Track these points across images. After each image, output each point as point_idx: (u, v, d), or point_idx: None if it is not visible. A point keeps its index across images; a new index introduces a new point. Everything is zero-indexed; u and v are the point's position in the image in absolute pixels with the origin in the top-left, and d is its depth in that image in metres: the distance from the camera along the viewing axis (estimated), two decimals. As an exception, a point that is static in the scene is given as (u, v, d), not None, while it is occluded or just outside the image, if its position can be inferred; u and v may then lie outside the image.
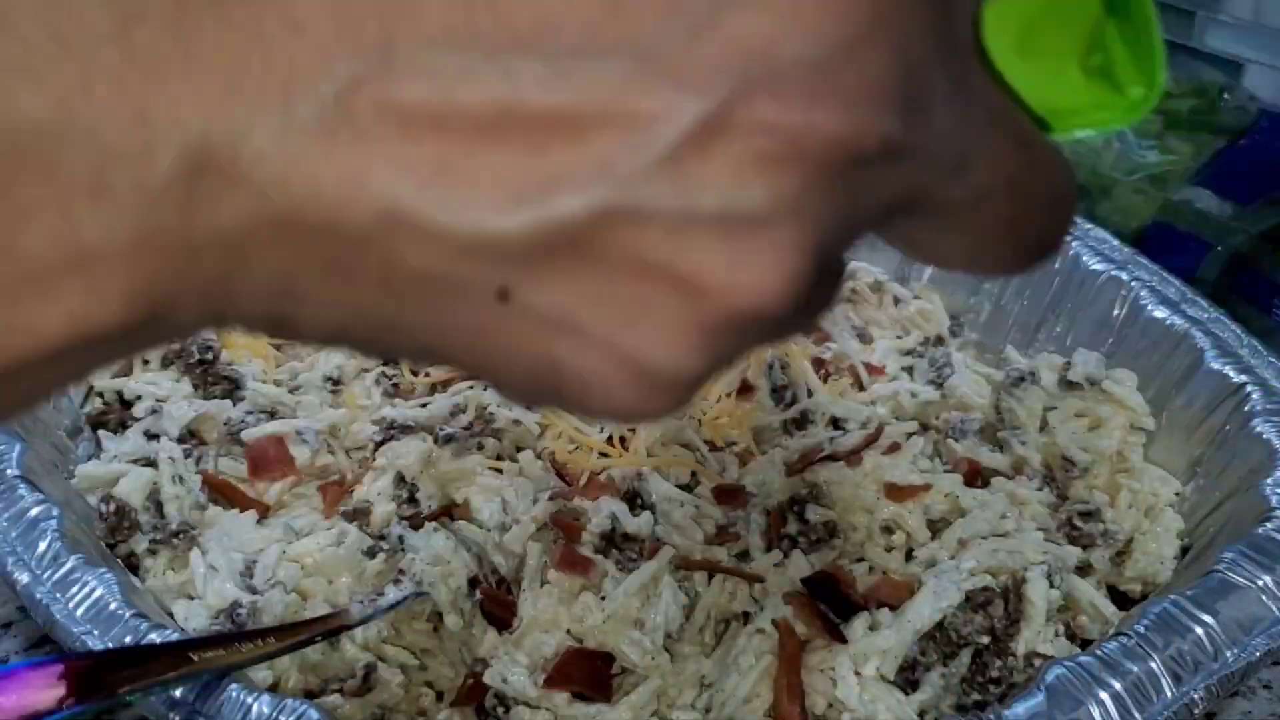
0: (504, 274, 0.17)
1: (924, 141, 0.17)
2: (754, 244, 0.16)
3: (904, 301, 0.76)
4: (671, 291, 0.17)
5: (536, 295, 0.17)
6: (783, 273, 0.17)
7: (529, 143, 0.16)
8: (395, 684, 0.49)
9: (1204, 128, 0.84)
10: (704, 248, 0.16)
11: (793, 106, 0.16)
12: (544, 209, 0.16)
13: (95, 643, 0.44)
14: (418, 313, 0.18)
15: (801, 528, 0.57)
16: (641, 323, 0.18)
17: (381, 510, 0.55)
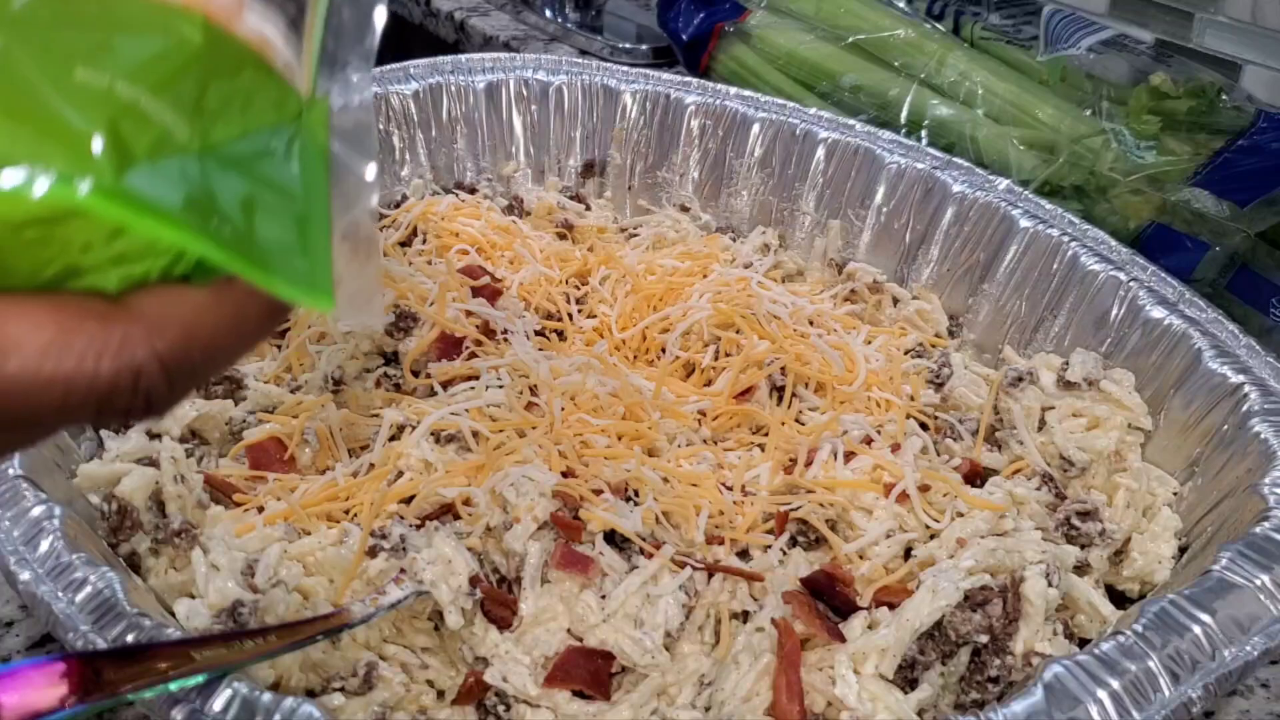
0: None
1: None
2: None
3: (903, 302, 0.76)
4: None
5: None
6: None
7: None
8: (396, 682, 0.49)
9: (1202, 128, 0.84)
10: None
11: None
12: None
13: (97, 641, 0.44)
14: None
15: (801, 527, 0.57)
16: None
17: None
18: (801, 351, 0.67)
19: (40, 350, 0.21)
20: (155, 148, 0.22)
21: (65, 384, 0.21)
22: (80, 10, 0.22)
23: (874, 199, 0.79)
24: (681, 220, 0.83)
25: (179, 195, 0.22)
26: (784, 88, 0.97)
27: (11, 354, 0.21)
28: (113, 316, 0.22)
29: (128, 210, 0.21)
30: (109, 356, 0.21)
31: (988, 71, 0.90)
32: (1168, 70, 0.88)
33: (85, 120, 0.21)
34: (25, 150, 0.20)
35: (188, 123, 0.22)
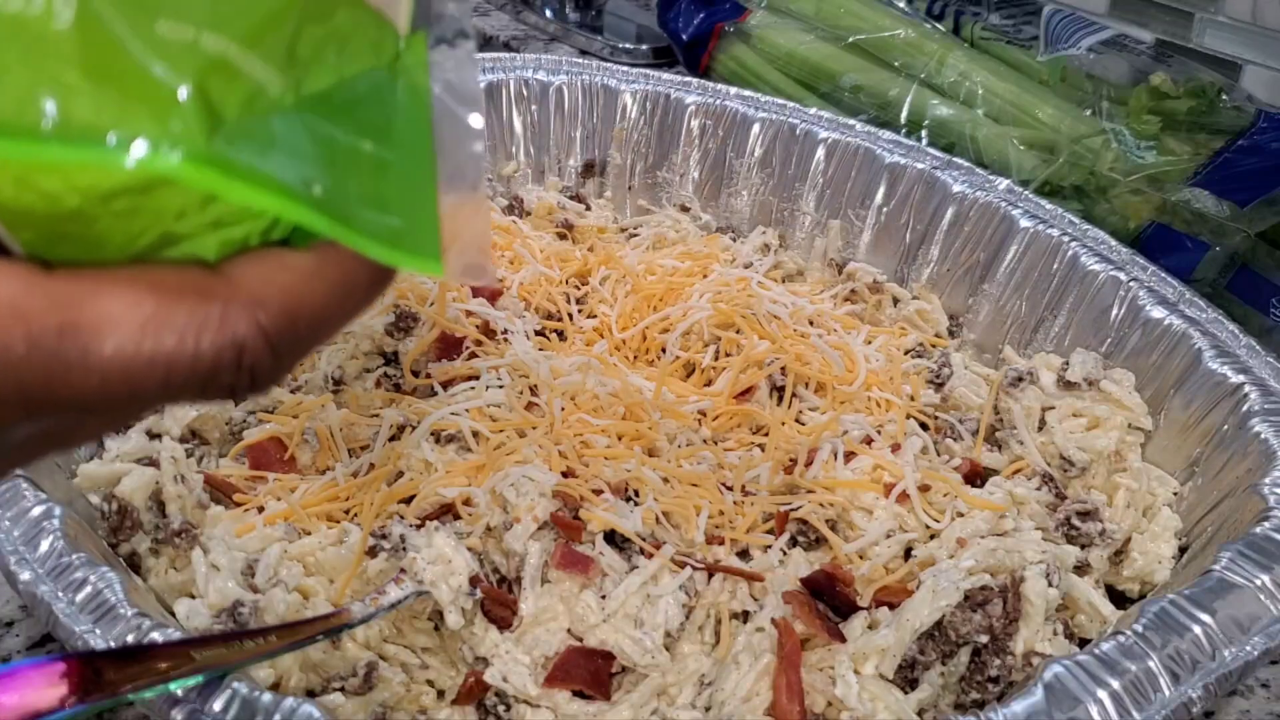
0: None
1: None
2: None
3: (903, 302, 0.76)
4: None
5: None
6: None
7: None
8: (396, 682, 0.49)
9: (1202, 128, 0.84)
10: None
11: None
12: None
13: (97, 641, 0.44)
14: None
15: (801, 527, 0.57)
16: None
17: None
18: (801, 351, 0.67)
19: (138, 329, 0.20)
20: (246, 105, 0.20)
21: (166, 363, 0.20)
22: None
23: (874, 199, 0.79)
24: (681, 220, 0.83)
25: (272, 157, 0.20)
26: (784, 88, 0.97)
27: (108, 334, 0.20)
28: (212, 289, 0.21)
29: (219, 177, 0.19)
30: (210, 332, 0.20)
31: (988, 71, 0.90)
32: (1168, 70, 0.88)
33: (171, 79, 0.19)
34: (110, 115, 0.19)
35: (280, 74, 0.21)
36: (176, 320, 0.20)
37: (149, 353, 0.20)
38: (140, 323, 0.20)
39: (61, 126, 0.19)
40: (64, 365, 0.20)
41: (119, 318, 0.20)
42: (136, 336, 0.20)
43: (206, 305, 0.20)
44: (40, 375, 0.20)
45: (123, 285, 0.20)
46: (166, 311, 0.20)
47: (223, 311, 0.21)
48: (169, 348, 0.20)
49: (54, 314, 0.19)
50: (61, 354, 0.20)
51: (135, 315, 0.20)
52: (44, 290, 0.20)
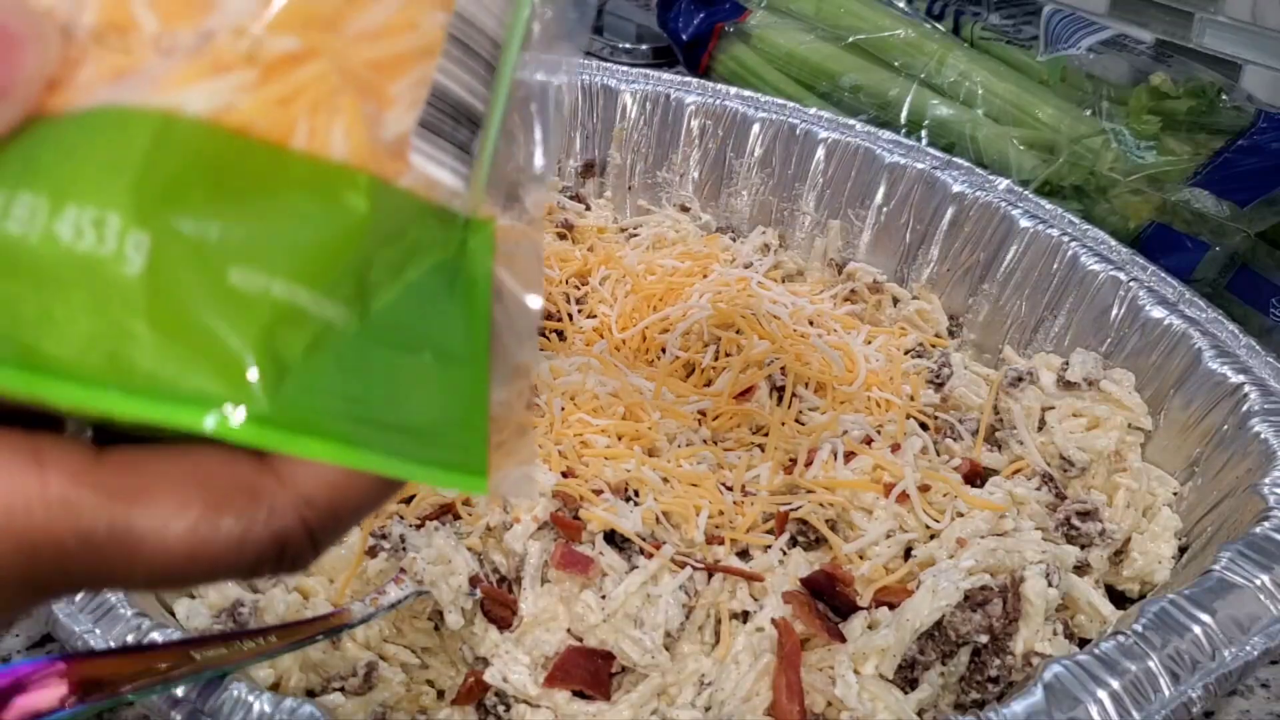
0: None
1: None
2: None
3: (903, 302, 0.76)
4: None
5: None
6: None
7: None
8: (396, 682, 0.49)
9: (1202, 128, 0.84)
10: None
11: None
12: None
13: (97, 641, 0.44)
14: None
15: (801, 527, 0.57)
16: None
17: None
18: (801, 351, 0.67)
19: (187, 532, 0.20)
20: (312, 346, 0.20)
21: (211, 562, 0.20)
22: (239, 185, 0.19)
23: (874, 199, 0.79)
24: (681, 220, 0.83)
25: (332, 402, 0.20)
26: (784, 88, 0.97)
27: (156, 539, 0.20)
28: (260, 487, 0.21)
29: (280, 437, 0.19)
30: (256, 531, 0.21)
31: (988, 71, 0.90)
32: (1168, 70, 0.88)
33: (238, 338, 0.19)
34: (172, 370, 0.19)
35: (347, 306, 0.21)
36: (224, 524, 0.20)
37: (195, 553, 0.20)
38: (189, 527, 0.20)
39: (123, 376, 0.19)
40: (110, 563, 0.20)
41: (168, 522, 0.20)
42: (185, 539, 0.20)
43: (254, 507, 0.21)
44: (87, 569, 0.20)
45: (173, 486, 0.20)
46: (215, 515, 0.20)
47: (269, 511, 0.21)
48: (215, 551, 0.20)
49: (105, 512, 0.20)
50: (110, 553, 0.20)
51: (184, 520, 0.20)
52: (96, 483, 0.20)
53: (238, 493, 0.20)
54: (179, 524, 0.20)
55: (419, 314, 0.22)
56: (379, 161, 0.21)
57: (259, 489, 0.21)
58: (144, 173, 0.18)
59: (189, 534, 0.20)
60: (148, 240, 0.18)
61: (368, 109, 0.21)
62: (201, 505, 0.20)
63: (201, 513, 0.20)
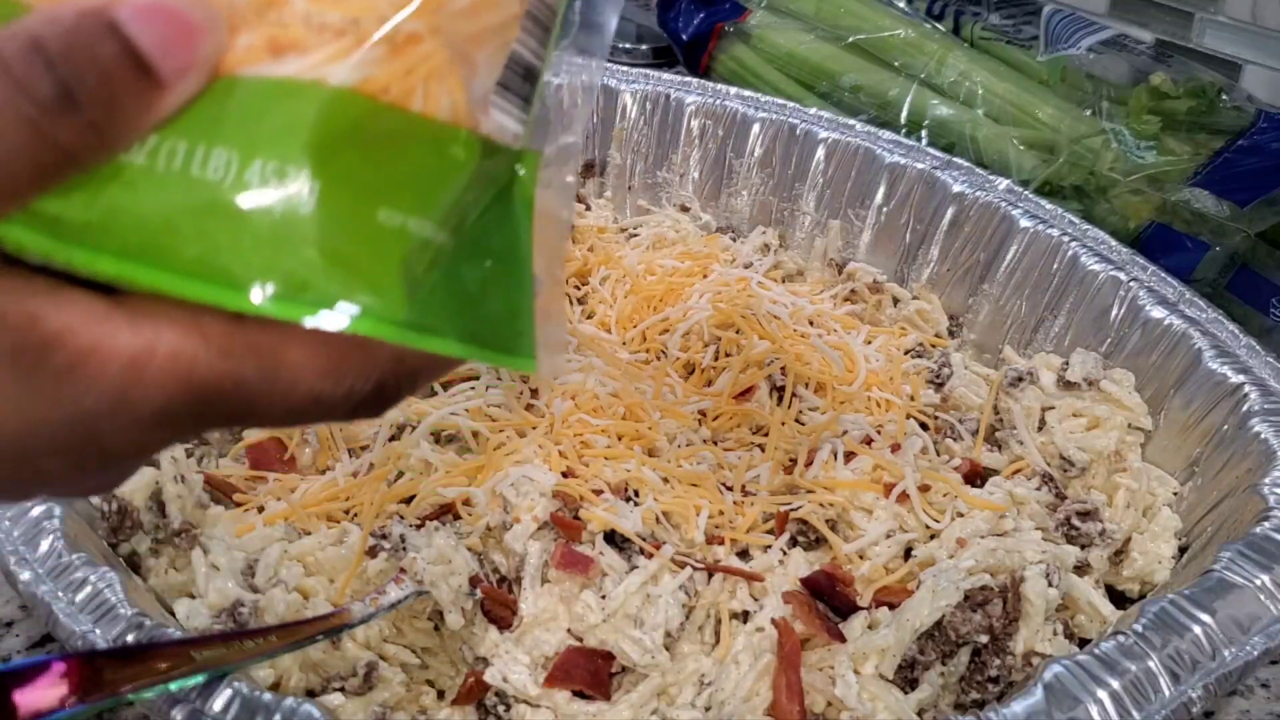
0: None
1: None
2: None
3: (903, 302, 0.76)
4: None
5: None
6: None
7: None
8: (396, 682, 0.49)
9: (1202, 128, 0.84)
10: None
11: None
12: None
13: (97, 641, 0.44)
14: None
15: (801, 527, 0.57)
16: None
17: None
18: (801, 351, 0.67)
19: (316, 377, 0.25)
20: (429, 268, 0.25)
21: (331, 402, 0.25)
22: (379, 142, 0.24)
23: (874, 199, 0.79)
24: (681, 220, 0.83)
25: (447, 310, 0.26)
26: (784, 88, 0.97)
27: (292, 381, 0.24)
28: (371, 347, 0.25)
29: (409, 337, 0.25)
30: (365, 377, 0.25)
31: (988, 71, 0.90)
32: (1168, 70, 0.88)
33: (387, 260, 0.24)
34: (337, 287, 0.24)
35: (450, 234, 0.26)
36: (345, 371, 0.25)
37: (320, 395, 0.25)
38: (319, 372, 0.25)
39: (299, 292, 0.23)
40: (256, 401, 0.24)
41: (303, 367, 0.24)
42: (314, 383, 0.25)
43: (367, 359, 0.25)
44: (239, 406, 0.24)
45: (304, 339, 0.24)
46: (338, 364, 0.25)
47: (377, 364, 0.26)
48: (335, 392, 0.25)
49: (254, 360, 0.24)
50: (257, 393, 0.24)
51: (315, 366, 0.25)
52: (244, 338, 0.24)
53: (353, 349, 0.25)
54: (312, 368, 0.24)
55: (487, 231, 0.27)
56: (471, 117, 0.26)
57: (369, 347, 0.25)
58: (313, 133, 0.23)
59: (318, 378, 0.25)
60: (318, 187, 0.23)
61: (464, 75, 0.26)
62: (327, 355, 0.25)
63: (327, 363, 0.25)
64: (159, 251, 0.23)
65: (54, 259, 0.23)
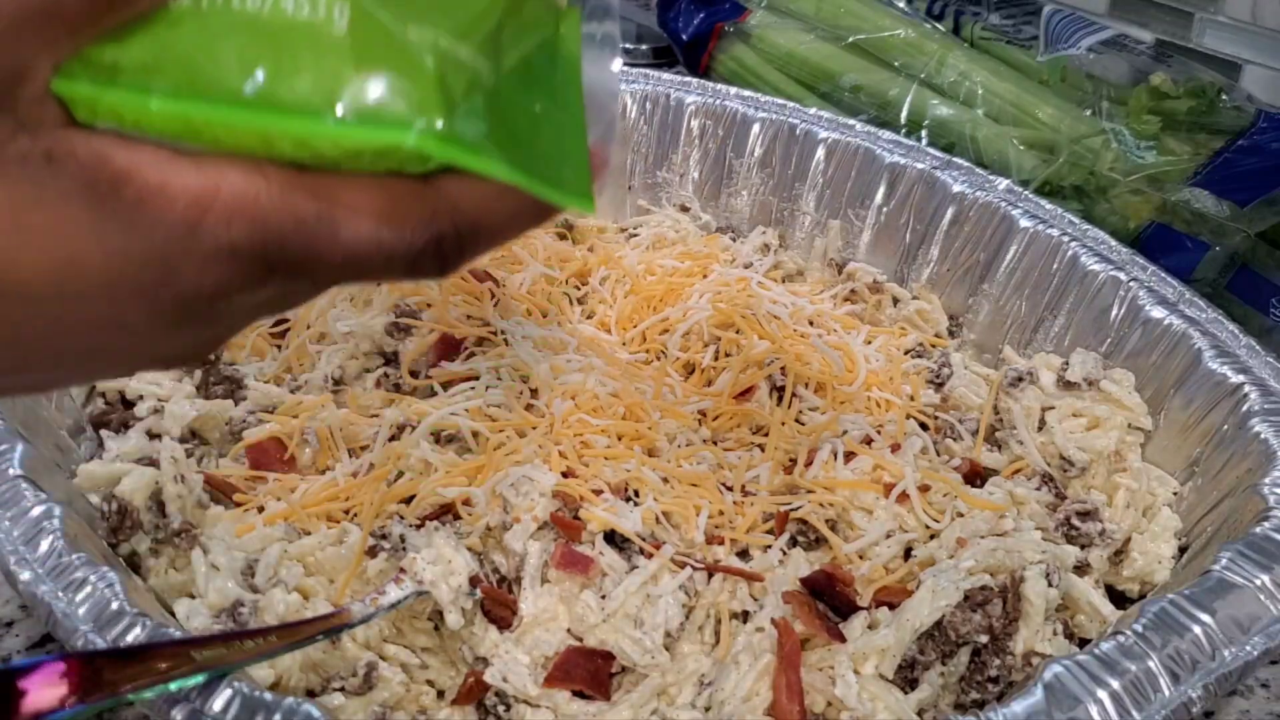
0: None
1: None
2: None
3: (903, 302, 0.76)
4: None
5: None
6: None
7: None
8: (396, 682, 0.49)
9: (1202, 128, 0.84)
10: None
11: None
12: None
13: (97, 641, 0.44)
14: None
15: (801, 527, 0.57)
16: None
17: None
18: (801, 351, 0.67)
19: (375, 216, 0.25)
20: (468, 89, 0.26)
21: (391, 246, 0.26)
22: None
23: (874, 199, 0.79)
24: (681, 220, 0.83)
25: (484, 131, 0.26)
26: (784, 88, 0.97)
27: (352, 219, 0.25)
28: (425, 193, 0.26)
29: (455, 152, 0.25)
30: (423, 225, 0.26)
31: (988, 71, 0.90)
32: (1168, 70, 0.88)
33: (421, 75, 0.25)
34: (375, 101, 0.25)
35: (488, 61, 0.27)
36: (401, 212, 0.26)
37: (380, 237, 0.26)
38: (376, 212, 0.26)
39: (341, 109, 0.25)
40: (319, 241, 0.25)
41: (361, 207, 0.25)
42: (373, 224, 0.26)
43: (422, 203, 0.26)
44: (301, 248, 0.25)
45: (364, 183, 0.25)
46: (395, 205, 0.26)
47: (433, 210, 0.26)
48: (394, 235, 0.26)
49: (313, 201, 0.25)
50: (319, 232, 0.25)
51: (373, 205, 0.25)
52: (303, 183, 0.25)
53: (409, 193, 0.26)
54: (370, 208, 0.25)
55: (534, 76, 0.28)
56: None
57: (423, 192, 0.26)
58: None
59: (377, 218, 0.25)
60: (348, 7, 0.25)
61: None
62: (384, 199, 0.26)
63: (385, 203, 0.26)
64: (206, 84, 0.24)
65: (123, 118, 0.24)
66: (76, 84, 0.24)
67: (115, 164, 0.24)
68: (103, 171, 0.24)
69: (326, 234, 0.25)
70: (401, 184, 0.26)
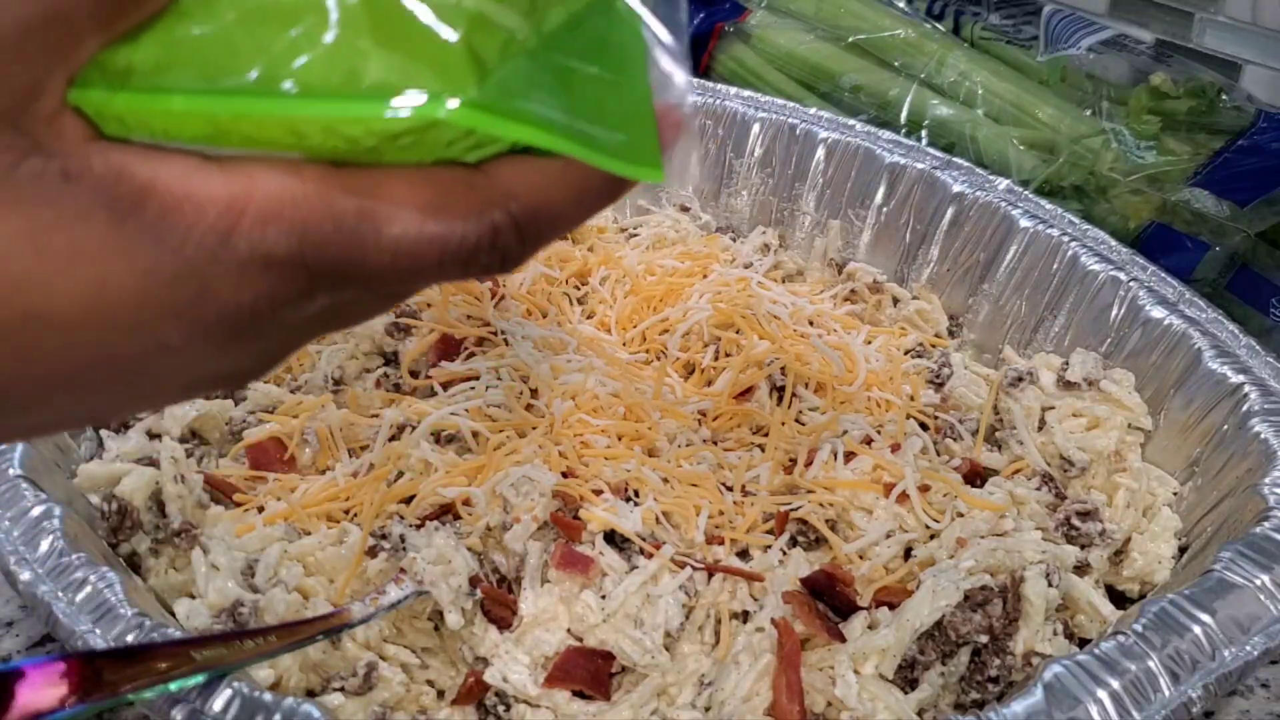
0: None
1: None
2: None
3: (903, 302, 0.76)
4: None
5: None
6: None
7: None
8: (396, 682, 0.49)
9: (1202, 128, 0.84)
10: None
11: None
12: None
13: (97, 641, 0.44)
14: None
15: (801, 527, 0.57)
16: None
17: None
18: (801, 351, 0.67)
19: (421, 212, 0.24)
20: (503, 53, 0.24)
21: (442, 242, 0.24)
22: None
23: (874, 199, 0.79)
24: (681, 220, 0.83)
25: (526, 96, 0.24)
26: (784, 88, 0.97)
27: (397, 217, 0.24)
28: (476, 182, 0.24)
29: (490, 120, 0.23)
30: (475, 216, 0.24)
31: (988, 71, 0.90)
32: (1168, 70, 0.88)
33: (446, 39, 0.23)
34: (398, 74, 0.23)
35: (525, 20, 0.25)
36: (450, 205, 0.24)
37: (429, 234, 0.24)
38: (422, 207, 0.24)
39: (360, 87, 0.23)
40: (361, 242, 0.24)
41: (405, 202, 0.24)
42: (419, 219, 0.24)
43: (472, 194, 0.24)
44: (342, 252, 0.24)
45: (406, 177, 0.24)
46: (443, 198, 0.24)
47: (484, 200, 0.25)
48: (444, 229, 0.24)
49: (353, 199, 0.23)
50: (360, 233, 0.23)
51: (417, 199, 0.24)
52: (341, 181, 0.23)
53: (457, 183, 0.24)
54: (415, 203, 0.24)
55: (584, 37, 0.26)
56: None
57: (474, 182, 0.24)
58: None
59: (423, 214, 0.24)
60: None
61: None
62: (431, 191, 0.24)
63: (432, 197, 0.24)
64: (223, 75, 0.23)
65: (152, 127, 0.23)
66: (92, 92, 0.23)
67: (136, 177, 0.23)
68: (123, 186, 0.23)
69: (369, 234, 0.24)
70: (449, 174, 0.24)
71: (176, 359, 0.25)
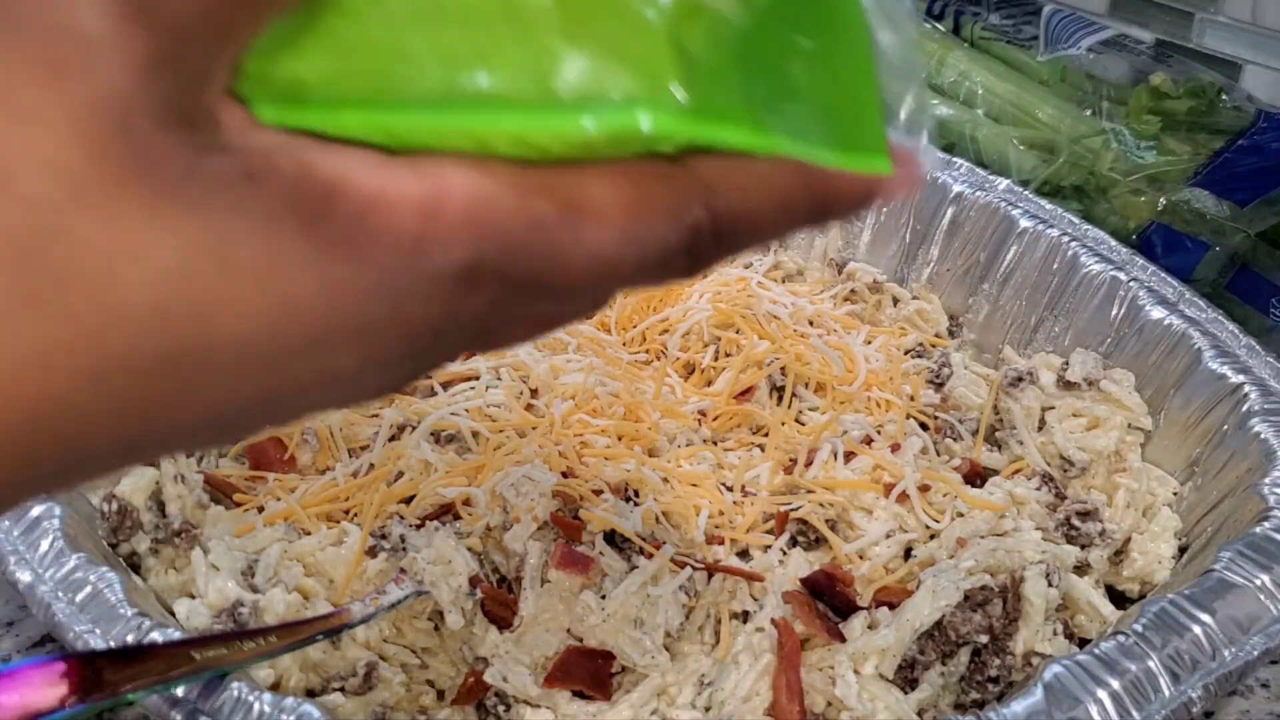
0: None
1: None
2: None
3: (903, 302, 0.76)
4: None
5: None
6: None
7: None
8: (396, 682, 0.49)
9: (1202, 128, 0.84)
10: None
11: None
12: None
13: (97, 641, 0.44)
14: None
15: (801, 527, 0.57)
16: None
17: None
18: (801, 351, 0.67)
19: (621, 212, 0.21)
20: (711, 38, 0.21)
21: (642, 244, 0.21)
22: None
23: (874, 199, 0.79)
24: (681, 220, 0.83)
25: (737, 89, 0.21)
26: (784, 88, 0.97)
27: (597, 217, 0.21)
28: (676, 176, 0.22)
29: (697, 126, 0.21)
30: (675, 215, 0.22)
31: (988, 71, 0.90)
32: (1168, 70, 0.88)
33: (648, 34, 0.20)
34: (594, 78, 0.20)
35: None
36: (652, 203, 0.21)
37: (630, 234, 0.21)
38: (623, 206, 0.21)
39: (555, 94, 0.20)
40: (559, 245, 0.21)
41: (605, 201, 0.21)
42: (620, 219, 0.21)
43: (673, 191, 0.22)
44: (539, 254, 0.21)
45: (603, 172, 0.21)
46: (644, 196, 0.21)
47: (686, 197, 0.22)
48: (645, 230, 0.21)
49: (549, 197, 0.21)
50: (558, 234, 0.21)
51: (618, 199, 0.21)
52: (534, 178, 0.21)
53: (659, 178, 0.22)
54: (615, 201, 0.21)
55: (799, 12, 0.23)
56: None
57: (675, 176, 0.22)
58: None
59: (624, 214, 0.21)
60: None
61: None
62: (632, 187, 0.21)
63: (633, 195, 0.21)
64: (401, 86, 0.20)
65: (311, 127, 0.20)
66: (263, 109, 0.20)
67: (321, 174, 0.19)
68: (310, 184, 0.19)
69: (570, 238, 0.21)
70: (647, 168, 0.22)
71: (336, 388, 0.22)
